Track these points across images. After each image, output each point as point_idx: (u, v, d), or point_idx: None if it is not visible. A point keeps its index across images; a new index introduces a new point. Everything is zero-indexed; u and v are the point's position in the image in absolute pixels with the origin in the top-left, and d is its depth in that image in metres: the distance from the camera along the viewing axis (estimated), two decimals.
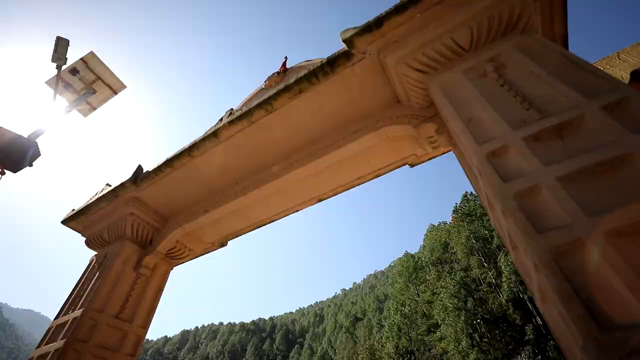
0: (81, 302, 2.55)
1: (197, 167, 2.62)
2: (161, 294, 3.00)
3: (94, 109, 3.34)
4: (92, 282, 2.68)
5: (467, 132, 1.45)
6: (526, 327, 32.65)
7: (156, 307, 2.91)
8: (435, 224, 61.47)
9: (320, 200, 2.72)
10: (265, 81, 3.46)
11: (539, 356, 29.30)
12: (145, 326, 2.75)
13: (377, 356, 50.96)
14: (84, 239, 3.29)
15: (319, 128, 2.51)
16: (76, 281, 2.93)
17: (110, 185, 3.18)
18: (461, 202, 54.43)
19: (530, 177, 0.99)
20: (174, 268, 3.60)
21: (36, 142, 2.72)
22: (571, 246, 0.82)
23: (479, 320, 35.29)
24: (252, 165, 2.55)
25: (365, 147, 2.35)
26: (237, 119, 2.71)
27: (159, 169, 2.68)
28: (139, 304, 2.76)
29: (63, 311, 2.67)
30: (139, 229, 2.92)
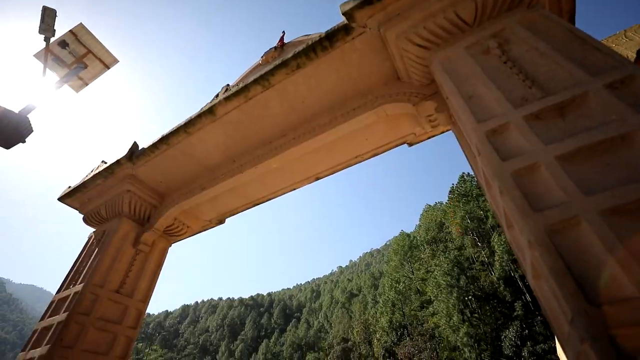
0: (81, 277, 2.59)
1: (193, 144, 2.59)
2: (160, 270, 3.05)
3: (86, 84, 3.25)
4: (92, 258, 2.71)
5: (468, 110, 1.42)
6: (515, 304, 33.84)
7: (155, 282, 2.96)
8: (432, 204, 62.21)
9: (317, 179, 2.72)
10: (262, 57, 3.35)
11: (526, 331, 30.52)
12: (145, 301, 2.81)
13: (371, 330, 52.95)
14: (82, 216, 3.29)
15: (317, 105, 2.47)
16: (76, 257, 2.96)
17: (105, 163, 3.15)
18: (458, 182, 54.85)
19: (530, 155, 0.98)
20: (173, 245, 3.65)
21: (28, 118, 2.66)
22: (566, 224, 0.82)
23: (470, 297, 36.47)
24: (249, 142, 2.52)
25: (363, 125, 2.32)
26: (233, 95, 2.64)
27: (154, 145, 2.65)
28: (139, 280, 2.81)
29: (64, 286, 2.71)
30: (136, 206, 2.92)
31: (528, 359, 28.14)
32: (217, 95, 3.07)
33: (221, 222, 3.26)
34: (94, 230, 3.09)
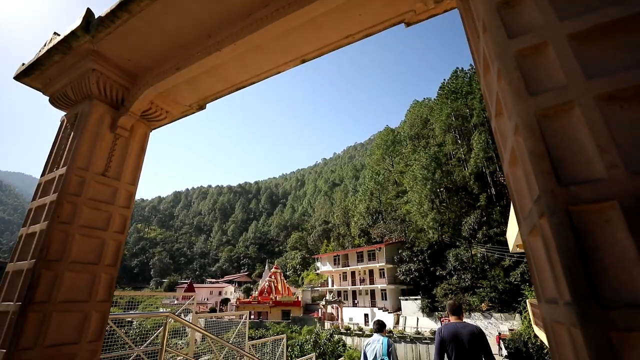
0: (62, 161, 2.56)
1: (158, 14, 2.22)
2: (144, 155, 3.03)
3: None
4: (69, 142, 2.63)
5: None
6: (480, 196, 37.73)
7: (141, 167, 2.98)
8: (420, 100, 61.36)
9: (303, 61, 2.49)
10: None
11: (485, 218, 34.97)
12: (134, 183, 2.89)
13: (350, 214, 59.24)
14: (47, 98, 3.05)
15: None
16: (52, 141, 2.87)
17: (58, 35, 2.74)
18: (450, 78, 53.01)
19: (539, 33, 0.88)
20: (160, 133, 3.56)
21: None
22: (559, 109, 0.80)
23: (442, 189, 40.10)
24: (225, 14, 2.17)
25: None
26: None
27: (113, 14, 2.25)
28: (123, 163, 2.81)
29: (47, 169, 2.70)
30: (105, 87, 2.68)
31: (481, 239, 33.15)
32: None
33: (202, 107, 3.10)
34: (65, 113, 2.91)
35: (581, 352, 0.66)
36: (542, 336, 10.78)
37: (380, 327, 4.72)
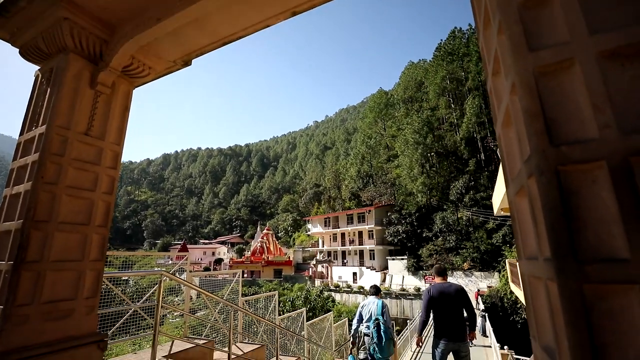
0: (41, 119, 2.44)
1: None
2: (128, 113, 2.91)
3: None
4: (46, 98, 2.49)
5: None
6: (470, 161, 38.25)
7: (126, 126, 2.87)
8: (415, 62, 59.55)
9: (294, 14, 2.33)
10: None
11: (473, 182, 35.77)
12: (119, 144, 2.80)
13: (340, 178, 59.77)
14: (17, 50, 2.83)
15: None
16: (28, 98, 2.71)
17: None
18: (447, 39, 51.12)
19: None
20: (144, 91, 3.36)
21: None
22: (558, 66, 0.77)
23: (432, 154, 40.40)
24: None
25: None
26: None
27: None
28: (107, 123, 2.70)
29: (26, 128, 2.58)
30: (81, 39, 2.49)
31: (468, 203, 34.17)
32: None
33: (187, 63, 2.93)
34: (39, 68, 2.72)
35: (554, 302, 0.70)
36: (518, 292, 11.59)
37: (376, 290, 5.10)
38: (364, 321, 4.77)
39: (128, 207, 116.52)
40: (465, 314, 4.20)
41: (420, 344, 4.35)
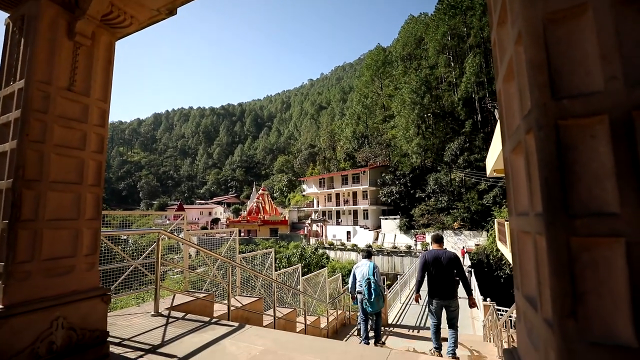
0: (18, 73, 2.30)
1: None
2: (112, 67, 2.75)
3: None
4: (21, 50, 2.32)
5: None
6: (466, 122, 37.86)
7: (111, 81, 2.73)
8: (416, 15, 56.31)
9: None
10: None
11: (468, 144, 35.76)
12: (106, 100, 2.68)
13: (336, 138, 59.27)
14: None
15: None
16: (1, 50, 2.53)
17: None
18: None
19: None
20: (129, 45, 3.14)
21: None
22: (569, 12, 0.72)
23: (429, 114, 39.81)
24: None
25: None
26: None
27: None
28: (90, 78, 2.56)
29: (3, 83, 2.44)
30: None
31: (461, 165, 34.45)
32: None
33: (172, 12, 2.72)
34: (9, 15, 2.51)
35: (541, 255, 0.72)
36: (503, 249, 12.17)
37: (368, 254, 5.76)
38: (357, 280, 5.41)
39: (122, 168, 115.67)
40: (457, 278, 4.65)
41: (419, 300, 4.87)
